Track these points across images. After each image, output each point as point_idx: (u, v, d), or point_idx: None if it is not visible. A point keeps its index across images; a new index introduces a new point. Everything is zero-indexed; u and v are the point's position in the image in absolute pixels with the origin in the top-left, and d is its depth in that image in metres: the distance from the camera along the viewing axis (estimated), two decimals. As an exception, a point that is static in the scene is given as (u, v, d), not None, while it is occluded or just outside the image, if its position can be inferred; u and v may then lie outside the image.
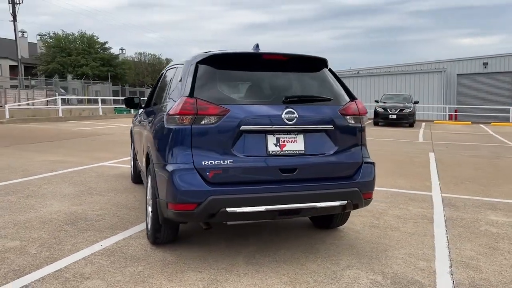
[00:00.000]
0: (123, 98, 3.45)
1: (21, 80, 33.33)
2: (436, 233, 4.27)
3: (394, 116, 20.30)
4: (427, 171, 7.85)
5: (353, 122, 3.56)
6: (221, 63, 3.43)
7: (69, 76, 52.00)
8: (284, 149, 3.30)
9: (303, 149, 3.35)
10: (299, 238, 4.04)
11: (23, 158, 8.51)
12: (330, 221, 4.18)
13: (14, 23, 32.03)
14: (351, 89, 3.70)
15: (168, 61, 66.20)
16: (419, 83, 29.09)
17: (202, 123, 3.15)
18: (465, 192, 6.10)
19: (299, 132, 3.36)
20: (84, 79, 48.17)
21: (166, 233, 3.61)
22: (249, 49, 3.64)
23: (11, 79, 42.34)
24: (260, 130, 3.24)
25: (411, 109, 20.51)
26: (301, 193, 3.27)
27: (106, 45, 54.90)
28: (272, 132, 3.28)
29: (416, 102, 22.30)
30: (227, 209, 3.09)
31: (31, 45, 57.81)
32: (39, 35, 56.45)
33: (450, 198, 5.76)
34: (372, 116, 21.56)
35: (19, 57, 32.23)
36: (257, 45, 3.82)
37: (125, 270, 3.26)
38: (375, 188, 3.72)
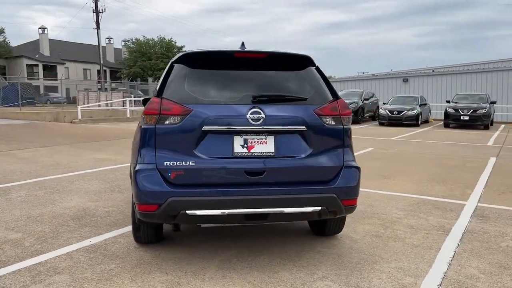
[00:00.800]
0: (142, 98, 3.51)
1: (102, 83, 35.79)
2: (445, 246, 3.87)
3: (466, 118, 18.84)
4: (475, 177, 7.16)
5: (332, 123, 3.32)
6: (195, 62, 3.37)
7: (150, 79, 54.87)
8: (251, 150, 3.16)
9: (273, 151, 3.19)
10: (287, 243, 3.87)
11: (73, 156, 9.09)
12: (323, 228, 3.95)
13: (97, 31, 34.47)
14: (422, 89, 3.42)
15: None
16: (502, 82, 26.74)
17: (166, 123, 3.12)
18: (507, 203, 5.46)
19: (269, 133, 3.20)
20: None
21: (146, 232, 3.63)
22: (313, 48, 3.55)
23: (98, 82, 45.62)
24: (225, 131, 3.13)
25: (486, 109, 18.90)
26: (268, 197, 3.11)
27: (183, 49, 56.96)
28: (239, 133, 3.16)
29: (493, 103, 20.53)
30: (187, 212, 3.02)
31: (117, 51, 61.77)
32: (124, 41, 60.13)
33: (485, 208, 5.20)
34: (443, 118, 20.20)
35: (101, 61, 34.54)
36: (243, 44, 3.71)
37: (97, 267, 3.32)
38: (400, 194, 3.43)
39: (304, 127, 3.22)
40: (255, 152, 3.16)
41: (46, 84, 48.48)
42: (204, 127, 3.09)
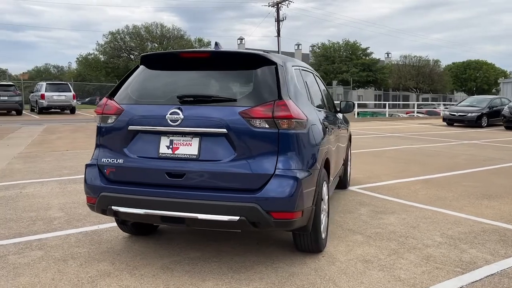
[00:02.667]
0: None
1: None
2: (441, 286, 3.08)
3: None
4: None
5: (265, 126, 3.01)
6: (150, 63, 3.49)
7: (334, 82, 55.60)
8: (176, 152, 3.12)
9: (196, 153, 3.08)
10: (260, 252, 3.63)
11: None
12: (295, 242, 3.59)
13: (278, 39, 36.65)
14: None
15: (436, 62, 62.35)
16: None
17: (107, 122, 3.32)
18: None
19: (195, 135, 3.10)
20: (350, 85, 50.51)
21: (121, 225, 3.89)
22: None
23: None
24: (149, 131, 3.17)
25: None
26: (183, 201, 3.02)
27: (367, 51, 55.91)
28: (166, 134, 3.15)
29: None
30: (113, 207, 3.17)
31: (305, 56, 64.33)
32: (311, 46, 62.26)
33: None
34: None
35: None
36: (216, 44, 3.66)
37: (72, 249, 3.74)
38: (476, 218, 2.99)
39: (225, 129, 3.01)
40: (178, 154, 3.11)
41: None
42: (129, 126, 3.20)
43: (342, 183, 6.06)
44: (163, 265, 3.41)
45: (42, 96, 23.00)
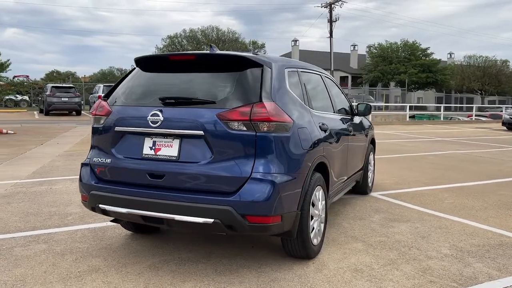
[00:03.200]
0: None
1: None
2: (420, 301, 2.91)
3: None
4: None
5: (243, 128, 2.98)
6: (144, 66, 3.58)
7: (391, 84, 53.95)
8: (158, 153, 3.17)
9: (176, 155, 3.11)
10: (251, 255, 3.62)
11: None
12: (283, 247, 3.53)
13: (330, 40, 36.12)
14: None
15: (504, 62, 58.77)
16: None
17: (100, 123, 3.45)
18: None
19: (176, 136, 3.14)
20: (406, 86, 48.83)
21: (122, 222, 4.01)
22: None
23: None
24: (133, 132, 3.25)
25: None
26: (161, 201, 3.07)
27: (428, 51, 53.69)
28: (150, 135, 3.21)
29: None
30: (100, 206, 3.29)
31: (361, 57, 62.95)
32: (368, 46, 60.79)
33: None
34: None
35: (332, 68, 36.04)
36: (211, 46, 3.68)
37: (74, 244, 3.91)
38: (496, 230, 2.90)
39: (201, 131, 3.02)
40: (160, 155, 3.16)
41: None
42: (116, 127, 3.29)
43: (361, 189, 5.87)
44: (151, 264, 3.48)
45: (99, 97, 24.18)
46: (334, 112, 4.53)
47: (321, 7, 36.54)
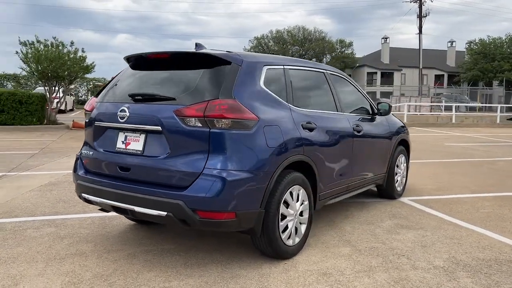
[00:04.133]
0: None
1: (420, 88, 35.30)
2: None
3: None
4: None
5: (198, 124, 3.04)
6: (131, 63, 3.79)
7: (495, 83, 49.67)
8: (127, 147, 3.35)
9: (141, 149, 3.27)
10: (230, 251, 3.67)
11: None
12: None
13: (419, 36, 34.26)
14: None
15: None
16: None
17: (88, 118, 3.72)
18: None
19: (142, 131, 3.29)
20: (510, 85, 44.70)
21: None
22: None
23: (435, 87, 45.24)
24: (109, 127, 3.46)
25: None
26: (125, 193, 3.24)
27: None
28: (122, 130, 3.40)
29: None
30: (83, 194, 3.56)
31: (459, 53, 58.73)
32: (468, 43, 56.54)
33: None
34: None
35: (420, 66, 34.14)
36: (196, 44, 3.79)
37: (78, 230, 4.26)
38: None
39: (159, 127, 3.14)
40: (129, 149, 3.34)
41: (382, 90, 51.65)
42: (96, 122, 3.53)
43: (386, 193, 5.58)
44: (132, 252, 3.68)
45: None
46: (337, 111, 4.38)
47: (410, 2, 34.73)
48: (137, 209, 3.18)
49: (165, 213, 3.05)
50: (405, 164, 5.89)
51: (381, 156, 5.17)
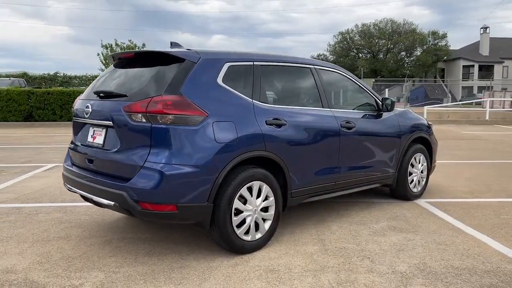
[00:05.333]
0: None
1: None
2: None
3: None
4: None
5: (143, 120, 3.21)
6: (113, 62, 4.06)
7: None
8: (94, 141, 3.63)
9: (102, 143, 3.52)
10: (205, 243, 3.82)
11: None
12: None
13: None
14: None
15: None
16: None
17: (73, 113, 4.08)
18: None
19: (103, 127, 3.54)
20: None
21: None
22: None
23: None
24: (82, 122, 3.76)
25: None
26: (87, 183, 3.51)
27: None
28: (92, 125, 3.68)
29: None
30: (66, 184, 3.92)
31: None
32: None
33: None
34: None
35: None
36: (171, 44, 3.98)
37: (81, 217, 4.68)
38: None
39: (110, 122, 3.36)
40: (94, 143, 3.61)
41: (479, 84, 47.75)
42: (73, 118, 3.86)
43: (398, 193, 5.31)
44: (110, 239, 3.97)
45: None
46: (323, 107, 4.27)
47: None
48: (94, 198, 3.45)
49: (113, 203, 3.27)
50: (424, 164, 5.52)
51: (385, 154, 4.92)
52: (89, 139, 3.71)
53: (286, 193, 3.87)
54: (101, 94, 3.62)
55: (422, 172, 5.51)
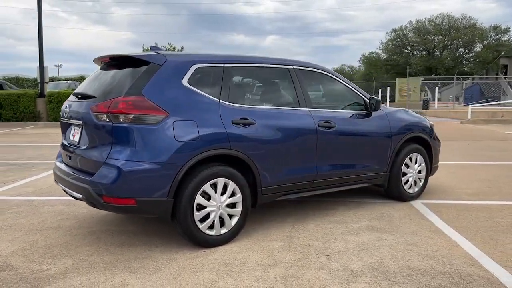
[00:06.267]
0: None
1: None
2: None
3: None
4: None
5: (106, 120, 3.46)
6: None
7: None
8: (73, 139, 3.94)
9: (77, 140, 3.82)
10: (177, 239, 4.04)
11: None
12: None
13: None
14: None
15: None
16: None
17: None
18: None
19: (79, 126, 3.84)
20: None
21: None
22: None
23: None
24: (65, 122, 4.08)
25: None
26: (66, 178, 3.83)
27: None
28: (73, 124, 4.00)
29: None
30: (54, 179, 4.27)
31: None
32: None
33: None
34: None
35: None
36: (150, 47, 4.23)
37: (81, 210, 5.06)
38: None
39: (81, 122, 3.64)
40: (73, 140, 3.93)
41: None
42: (60, 118, 4.20)
43: (391, 194, 5.24)
44: (95, 230, 4.27)
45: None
46: (300, 107, 4.33)
47: None
48: (68, 191, 3.76)
49: (81, 195, 3.56)
50: (422, 165, 5.39)
51: (373, 153, 4.88)
52: (71, 137, 4.03)
53: (256, 191, 3.98)
54: (78, 96, 3.93)
55: (420, 172, 5.39)
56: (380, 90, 31.81)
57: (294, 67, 4.48)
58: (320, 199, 5.31)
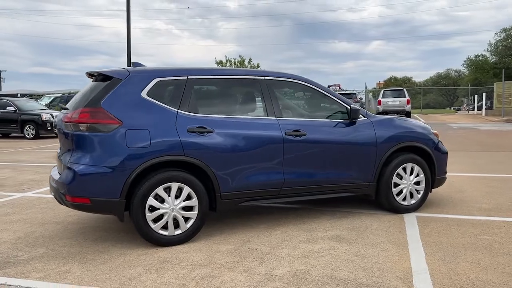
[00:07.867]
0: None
1: None
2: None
3: None
4: None
5: (71, 128, 3.96)
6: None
7: None
8: (60, 146, 4.54)
9: (60, 147, 4.40)
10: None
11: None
12: None
13: None
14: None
15: None
16: None
17: None
18: None
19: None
20: None
21: None
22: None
23: None
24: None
25: None
26: (51, 181, 4.43)
27: None
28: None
29: None
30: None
31: None
32: None
33: None
34: None
35: None
36: (133, 63, 4.71)
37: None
38: None
39: (60, 128, 4.20)
40: (60, 147, 4.52)
41: None
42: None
43: (383, 205, 5.07)
44: (85, 226, 4.81)
45: (379, 102, 25.10)
46: (268, 116, 4.46)
47: None
48: (50, 190, 4.35)
49: (52, 194, 4.12)
50: (421, 176, 5.11)
51: (354, 162, 4.79)
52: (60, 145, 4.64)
53: (215, 195, 4.20)
54: (63, 108, 4.53)
55: (419, 184, 5.12)
56: (475, 97, 29.12)
57: (265, 77, 4.61)
58: (309, 207, 5.33)
